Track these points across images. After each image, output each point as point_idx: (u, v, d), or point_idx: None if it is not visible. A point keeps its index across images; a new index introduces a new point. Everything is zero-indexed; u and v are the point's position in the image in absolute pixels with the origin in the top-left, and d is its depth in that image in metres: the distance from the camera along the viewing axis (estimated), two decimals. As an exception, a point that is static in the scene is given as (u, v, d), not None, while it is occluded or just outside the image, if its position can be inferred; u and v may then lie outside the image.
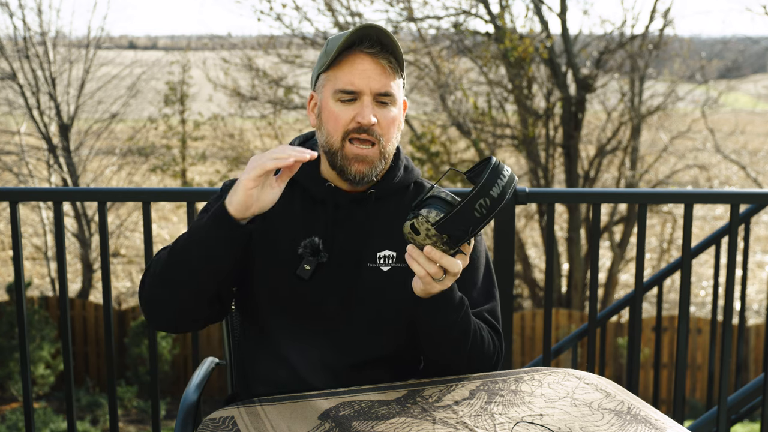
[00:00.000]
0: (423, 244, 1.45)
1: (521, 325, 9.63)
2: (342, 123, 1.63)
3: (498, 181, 1.43)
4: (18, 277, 2.58)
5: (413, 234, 1.45)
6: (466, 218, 1.41)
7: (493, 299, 1.75)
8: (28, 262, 14.14)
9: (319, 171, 1.72)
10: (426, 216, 1.43)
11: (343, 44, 1.60)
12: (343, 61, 1.62)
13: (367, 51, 1.61)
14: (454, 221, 1.41)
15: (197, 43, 15.85)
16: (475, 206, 1.41)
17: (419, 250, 1.47)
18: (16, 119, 12.53)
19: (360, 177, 1.64)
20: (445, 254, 1.46)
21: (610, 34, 11.15)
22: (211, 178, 14.20)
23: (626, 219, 11.68)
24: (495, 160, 1.47)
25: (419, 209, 1.46)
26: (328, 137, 1.65)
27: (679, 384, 2.75)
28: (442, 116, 10.86)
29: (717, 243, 3.46)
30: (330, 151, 1.66)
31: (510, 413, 1.48)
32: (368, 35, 1.60)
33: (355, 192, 1.70)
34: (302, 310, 1.66)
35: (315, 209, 1.69)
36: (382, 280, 1.67)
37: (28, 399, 2.63)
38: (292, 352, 1.66)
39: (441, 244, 1.45)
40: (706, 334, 9.37)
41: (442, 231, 1.43)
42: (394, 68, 1.64)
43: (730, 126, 16.67)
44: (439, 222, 1.42)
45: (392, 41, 1.61)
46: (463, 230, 1.42)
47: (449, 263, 1.46)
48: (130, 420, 8.46)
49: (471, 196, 1.40)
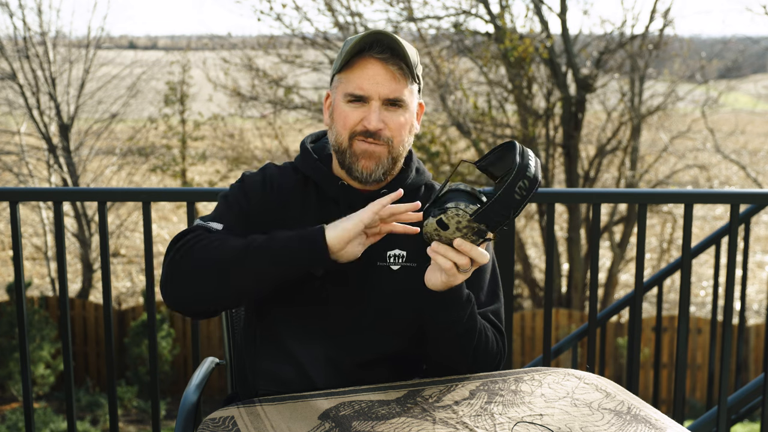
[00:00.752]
0: (451, 238, 1.46)
1: (521, 325, 9.63)
2: (350, 123, 1.65)
3: (530, 161, 1.45)
4: (18, 277, 2.58)
5: (440, 230, 1.45)
6: (508, 202, 1.41)
7: (498, 300, 1.76)
8: (28, 262, 14.14)
9: (332, 170, 1.74)
10: (457, 209, 1.43)
11: (354, 48, 1.62)
12: (355, 65, 1.65)
13: (378, 56, 1.63)
14: (495, 208, 1.42)
15: (197, 43, 15.86)
16: (515, 189, 1.41)
17: (447, 245, 1.47)
18: (16, 119, 12.54)
19: (367, 173, 1.65)
20: (474, 245, 1.47)
21: (610, 34, 11.15)
22: (211, 178, 14.21)
23: (626, 219, 11.68)
24: (518, 143, 1.48)
25: (443, 205, 1.46)
26: (337, 136, 1.68)
27: (679, 384, 2.75)
28: (442, 116, 10.86)
29: (717, 243, 3.46)
30: (339, 150, 1.68)
31: (510, 413, 1.48)
32: (379, 40, 1.62)
33: (368, 191, 1.71)
34: (311, 308, 1.67)
35: (329, 207, 1.70)
36: (391, 278, 1.68)
37: (28, 399, 2.63)
38: (298, 348, 1.66)
39: (471, 235, 1.45)
40: (706, 334, 9.37)
41: (481, 220, 1.42)
42: (405, 74, 1.65)
43: (730, 126, 16.68)
44: (479, 211, 1.42)
45: (402, 48, 1.63)
46: (504, 215, 1.42)
47: (478, 254, 1.48)
48: (130, 420, 8.46)
49: (512, 179, 1.41)
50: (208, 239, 1.59)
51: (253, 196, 1.69)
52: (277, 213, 1.68)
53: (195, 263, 1.57)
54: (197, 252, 1.57)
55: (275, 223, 1.65)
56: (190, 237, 1.60)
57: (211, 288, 1.57)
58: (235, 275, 1.55)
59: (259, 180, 1.72)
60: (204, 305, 1.62)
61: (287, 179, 1.72)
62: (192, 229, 1.63)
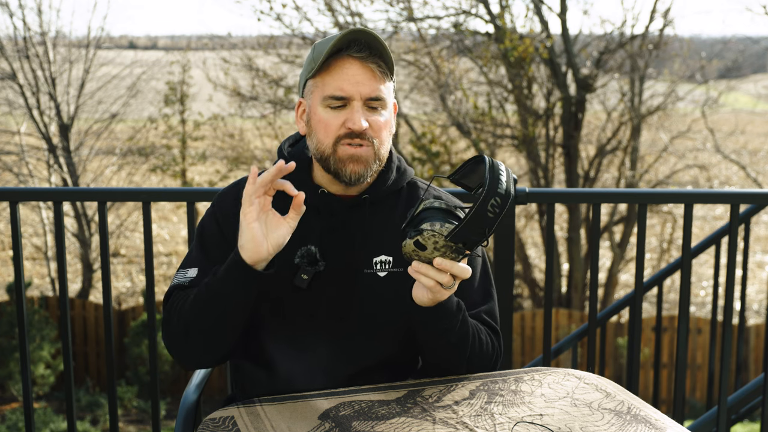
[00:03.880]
0: (430, 257, 1.44)
1: (521, 325, 9.63)
2: (332, 129, 1.60)
3: (500, 176, 1.42)
4: (18, 277, 2.57)
5: (418, 251, 1.44)
6: (480, 221, 1.40)
7: (491, 299, 1.74)
8: (28, 262, 14.14)
9: (311, 178, 1.70)
10: (432, 230, 1.41)
11: (331, 49, 1.58)
12: (332, 67, 1.60)
13: (356, 55, 1.59)
14: (470, 227, 1.40)
15: (197, 43, 15.86)
16: (488, 207, 1.40)
17: (427, 263, 1.46)
18: (16, 119, 12.54)
19: (356, 177, 1.61)
20: (455, 262, 1.45)
21: (610, 34, 11.16)
22: (211, 178, 14.21)
23: (626, 219, 11.68)
24: (487, 157, 1.46)
25: (418, 225, 1.44)
26: (318, 144, 1.63)
27: (679, 384, 2.75)
28: (442, 116, 10.86)
29: (717, 243, 3.46)
30: (322, 158, 1.63)
31: (510, 413, 1.48)
32: (356, 39, 1.58)
33: (349, 197, 1.68)
34: (300, 319, 1.65)
35: (309, 217, 1.66)
36: (379, 285, 1.66)
37: (28, 399, 2.62)
38: (290, 361, 1.65)
39: (450, 252, 1.44)
40: (706, 334, 9.37)
41: (457, 240, 1.41)
42: (384, 72, 1.62)
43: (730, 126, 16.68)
44: (453, 232, 1.41)
45: (381, 45, 1.59)
46: (480, 233, 1.41)
47: (460, 270, 1.46)
48: (130, 420, 8.46)
49: (482, 199, 1.39)
50: (174, 308, 1.62)
51: (224, 221, 1.67)
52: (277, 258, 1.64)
53: (176, 333, 1.61)
54: (172, 327, 1.61)
55: None
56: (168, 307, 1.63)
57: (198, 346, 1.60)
58: (204, 328, 1.57)
59: (230, 200, 1.69)
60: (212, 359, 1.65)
61: None
62: (170, 294, 1.65)
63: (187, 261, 1.68)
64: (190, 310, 1.58)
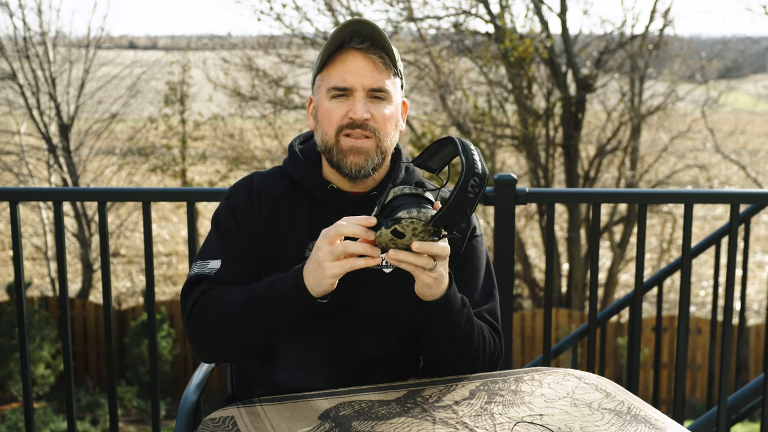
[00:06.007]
0: (407, 244, 1.44)
1: (521, 325, 9.63)
2: (335, 119, 1.63)
3: (474, 156, 1.43)
4: (18, 277, 2.57)
5: (396, 239, 1.43)
6: (463, 202, 1.41)
7: (493, 299, 1.75)
8: (28, 262, 14.14)
9: (321, 173, 1.72)
10: (411, 217, 1.41)
11: (333, 43, 1.62)
12: (336, 60, 1.64)
13: (358, 47, 1.62)
14: (453, 210, 1.41)
15: (197, 43, 15.87)
16: (468, 188, 1.41)
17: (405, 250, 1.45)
18: (16, 119, 12.54)
19: (356, 169, 1.63)
20: (433, 243, 1.45)
21: (610, 34, 11.16)
22: (211, 178, 14.21)
23: (626, 219, 11.68)
24: (456, 138, 1.46)
25: (392, 214, 1.43)
26: (323, 135, 1.66)
27: (679, 384, 2.75)
28: (442, 116, 10.85)
29: (717, 243, 3.46)
30: (326, 148, 1.66)
31: (510, 413, 1.48)
32: (358, 31, 1.61)
33: (358, 194, 1.70)
34: (306, 314, 1.66)
35: (319, 212, 1.68)
36: (384, 281, 1.67)
37: (28, 399, 2.62)
38: (294, 354, 1.66)
39: (429, 236, 1.44)
40: (706, 334, 9.37)
41: (440, 223, 1.42)
42: (387, 65, 1.64)
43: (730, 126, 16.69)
44: (436, 216, 1.41)
45: (382, 36, 1.62)
46: (461, 214, 1.42)
47: (439, 249, 1.44)
48: (130, 420, 8.46)
49: (462, 180, 1.40)
50: (213, 298, 1.61)
51: (240, 214, 1.68)
52: (267, 222, 1.68)
53: (210, 331, 1.60)
54: (206, 319, 1.60)
55: (267, 232, 1.66)
56: (197, 297, 1.62)
57: (238, 347, 1.62)
58: (248, 337, 1.59)
59: (244, 193, 1.71)
60: (240, 354, 1.68)
61: (275, 186, 1.71)
62: (194, 283, 1.64)
63: (207, 252, 1.68)
64: (234, 310, 1.57)
